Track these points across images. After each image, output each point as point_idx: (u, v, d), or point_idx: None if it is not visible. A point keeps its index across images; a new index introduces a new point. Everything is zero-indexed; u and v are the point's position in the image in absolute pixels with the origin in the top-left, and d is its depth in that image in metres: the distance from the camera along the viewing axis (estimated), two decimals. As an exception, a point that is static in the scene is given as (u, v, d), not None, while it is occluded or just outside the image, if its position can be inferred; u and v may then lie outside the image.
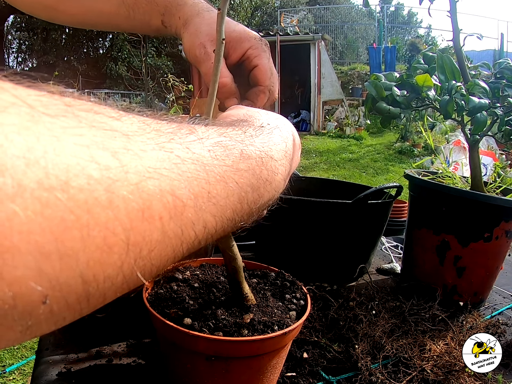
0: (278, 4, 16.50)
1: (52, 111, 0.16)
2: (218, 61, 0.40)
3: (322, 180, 1.12)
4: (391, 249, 1.10)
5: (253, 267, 0.60)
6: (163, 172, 0.19)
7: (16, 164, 0.14)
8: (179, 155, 0.21)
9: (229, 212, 0.25)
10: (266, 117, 0.37)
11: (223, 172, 0.24)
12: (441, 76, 0.75)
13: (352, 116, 9.35)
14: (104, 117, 0.18)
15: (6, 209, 0.13)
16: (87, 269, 0.16)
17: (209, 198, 0.22)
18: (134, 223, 0.17)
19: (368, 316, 0.65)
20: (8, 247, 0.13)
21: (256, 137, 0.30)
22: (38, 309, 0.15)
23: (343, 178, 5.92)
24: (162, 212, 0.19)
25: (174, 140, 0.21)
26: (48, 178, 0.14)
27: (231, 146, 0.26)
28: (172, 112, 7.75)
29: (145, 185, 0.18)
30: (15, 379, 1.86)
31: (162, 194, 0.19)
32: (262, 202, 0.29)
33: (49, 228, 0.14)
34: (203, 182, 0.22)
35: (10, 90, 0.15)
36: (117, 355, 0.57)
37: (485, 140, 5.63)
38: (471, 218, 0.73)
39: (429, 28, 16.37)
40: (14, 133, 0.14)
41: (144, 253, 0.18)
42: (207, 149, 0.23)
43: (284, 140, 0.34)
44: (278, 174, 0.31)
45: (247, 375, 0.45)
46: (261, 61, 0.55)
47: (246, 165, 0.27)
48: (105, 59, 11.97)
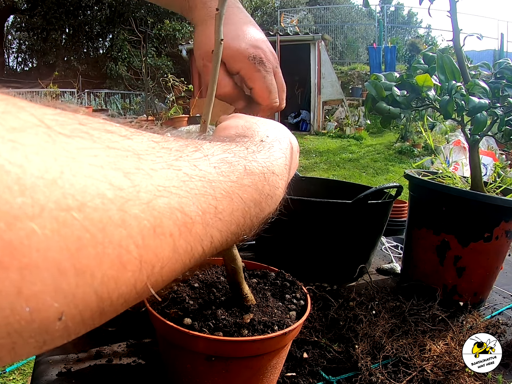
0: (278, 4, 16.50)
1: (67, 131, 0.16)
2: (216, 62, 0.40)
3: (322, 180, 1.12)
4: (391, 249, 1.10)
5: (253, 267, 0.60)
6: (172, 190, 0.20)
7: (35, 184, 0.14)
8: (187, 173, 0.21)
9: (234, 226, 0.25)
10: (264, 128, 0.37)
11: (228, 188, 0.25)
12: (441, 76, 0.75)
13: (352, 116, 9.35)
14: (116, 136, 0.19)
15: (26, 227, 0.14)
16: (102, 286, 0.16)
17: (216, 213, 0.23)
18: (146, 241, 0.18)
19: (368, 316, 0.65)
20: (26, 264, 0.14)
21: (258, 153, 0.31)
22: (54, 325, 0.15)
23: (343, 178, 5.91)
24: (173, 229, 0.20)
25: (181, 158, 0.22)
26: (65, 198, 0.15)
27: (236, 162, 0.27)
28: (172, 112, 7.72)
29: (156, 204, 0.19)
30: (15, 379, 1.86)
31: (172, 212, 0.19)
32: (263, 216, 0.30)
33: (66, 246, 0.15)
34: (210, 198, 0.23)
35: (28, 109, 0.15)
36: (117, 355, 0.57)
37: (485, 140, 5.63)
38: (471, 218, 0.73)
39: (429, 28, 16.37)
40: (33, 153, 0.14)
41: (156, 270, 0.19)
42: (213, 166, 0.24)
43: (284, 152, 0.35)
44: (279, 189, 0.32)
45: (247, 375, 0.45)
46: (255, 84, 0.54)
47: (249, 180, 0.27)
48: (105, 59, 11.98)
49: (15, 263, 0.14)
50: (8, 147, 0.14)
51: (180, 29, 10.79)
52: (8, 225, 0.13)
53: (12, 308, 0.14)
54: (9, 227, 0.13)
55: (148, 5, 11.32)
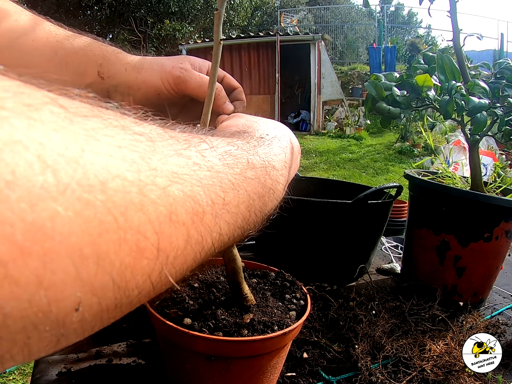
0: (278, 4, 16.50)
1: (82, 113, 0.16)
2: (216, 61, 0.40)
3: (322, 180, 1.12)
4: (391, 249, 1.10)
5: (253, 267, 0.60)
6: (185, 178, 0.19)
7: (57, 162, 0.13)
8: (196, 162, 0.21)
9: (240, 219, 0.25)
10: (264, 126, 0.38)
11: (234, 179, 0.24)
12: (441, 76, 0.75)
13: (352, 116, 9.35)
14: (128, 121, 0.18)
15: (49, 208, 0.13)
16: (120, 275, 0.15)
17: (224, 204, 0.23)
18: (162, 228, 0.17)
19: (368, 316, 0.65)
20: (48, 249, 0.13)
21: (258, 147, 0.31)
22: (71, 316, 0.14)
23: (343, 178, 5.91)
24: (185, 217, 0.19)
25: (190, 147, 0.21)
26: (87, 178, 0.14)
27: (239, 155, 0.27)
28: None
29: (171, 190, 0.18)
30: (15, 379, 1.86)
31: (185, 200, 0.19)
32: (266, 210, 0.30)
33: (88, 230, 0.14)
34: (218, 189, 0.22)
35: (42, 91, 0.15)
36: (117, 355, 0.57)
37: (485, 140, 5.63)
38: (471, 218, 0.73)
39: (429, 28, 16.37)
40: (52, 130, 0.13)
41: (171, 259, 0.18)
42: (219, 158, 0.24)
43: (283, 150, 0.35)
44: (279, 184, 0.32)
45: (247, 375, 0.45)
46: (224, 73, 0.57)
47: (253, 174, 0.27)
48: (105, 59, 11.96)
49: (37, 248, 0.12)
50: (25, 123, 0.13)
51: (180, 29, 10.79)
52: (30, 206, 0.12)
53: (31, 300, 0.13)
54: (31, 208, 0.12)
55: (148, 5, 11.32)
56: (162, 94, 0.54)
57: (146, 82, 0.53)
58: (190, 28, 11.10)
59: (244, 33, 10.79)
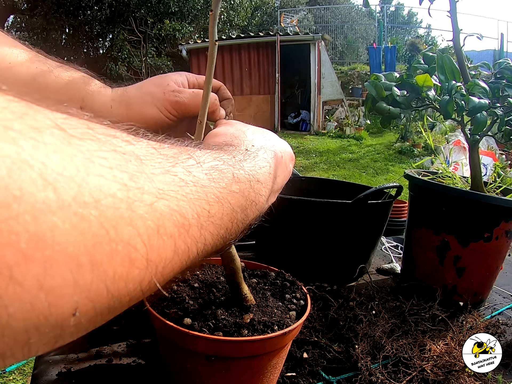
0: (278, 4, 16.49)
1: (79, 134, 0.17)
2: (211, 62, 0.41)
3: (322, 180, 1.12)
4: (391, 249, 1.10)
5: (253, 267, 0.60)
6: (171, 194, 0.21)
7: (57, 180, 0.15)
8: (182, 178, 0.23)
9: (223, 230, 0.27)
10: (251, 137, 0.40)
11: (219, 193, 0.26)
12: (441, 76, 0.75)
13: (352, 116, 9.34)
14: (120, 140, 0.20)
15: (49, 220, 0.14)
16: (113, 283, 0.17)
17: (209, 217, 0.24)
18: (151, 241, 0.19)
19: (368, 316, 0.65)
20: (48, 257, 0.14)
21: (244, 162, 0.33)
22: (68, 320, 0.16)
23: (343, 178, 5.91)
24: (173, 230, 0.21)
25: (177, 164, 0.23)
26: (82, 195, 0.16)
27: (225, 170, 0.28)
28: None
29: (158, 205, 0.20)
30: (15, 379, 1.86)
31: (171, 214, 0.21)
32: (248, 221, 0.32)
33: (83, 241, 0.16)
34: (204, 202, 0.24)
35: (43, 112, 0.16)
36: (117, 355, 0.57)
37: (485, 140, 5.63)
38: (471, 218, 0.73)
39: (429, 28, 16.37)
40: (52, 152, 0.15)
41: (160, 269, 0.20)
42: (205, 173, 0.26)
43: (268, 161, 0.37)
44: (262, 196, 0.34)
45: (247, 375, 0.45)
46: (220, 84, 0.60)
47: (237, 187, 0.29)
48: (105, 59, 11.97)
49: (38, 255, 0.14)
50: (30, 144, 0.15)
51: (180, 29, 10.78)
52: (33, 218, 0.14)
53: (33, 302, 0.14)
54: (34, 220, 0.14)
55: (148, 5, 11.32)
56: (161, 122, 0.54)
57: (141, 115, 0.53)
58: (190, 28, 11.09)
59: (244, 33, 10.79)
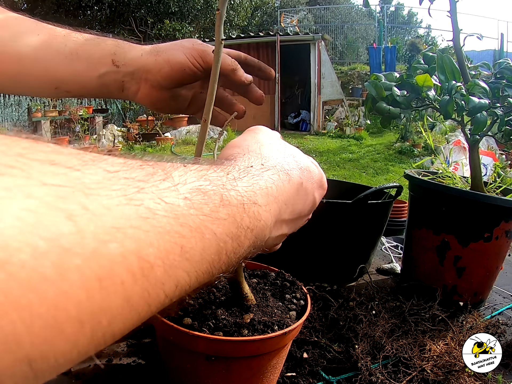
0: (278, 4, 16.49)
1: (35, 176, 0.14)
2: (217, 61, 0.40)
3: (322, 180, 1.11)
4: (391, 249, 1.10)
5: (253, 267, 0.60)
6: (128, 231, 0.18)
7: None
8: (149, 207, 0.19)
9: (206, 265, 0.23)
10: (268, 153, 0.35)
11: (199, 222, 0.22)
12: (441, 76, 0.75)
13: (352, 116, 9.35)
14: (61, 168, 0.16)
15: None
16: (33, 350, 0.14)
17: (182, 253, 0.21)
18: (90, 294, 0.16)
19: (368, 316, 0.65)
20: None
21: (239, 180, 0.28)
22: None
23: (343, 178, 5.91)
24: (125, 276, 0.17)
25: (144, 189, 0.19)
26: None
27: (211, 191, 0.24)
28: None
29: (105, 250, 0.16)
30: (15, 379, 1.86)
31: (125, 257, 0.17)
32: (242, 251, 0.27)
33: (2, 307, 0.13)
34: (176, 236, 0.20)
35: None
36: (117, 355, 0.57)
37: (485, 140, 5.63)
38: (471, 218, 0.73)
39: (429, 28, 16.38)
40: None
41: (104, 323, 0.17)
42: (183, 197, 0.22)
43: (274, 183, 0.31)
44: (261, 221, 0.29)
45: (247, 375, 0.45)
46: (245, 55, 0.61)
47: (226, 212, 0.25)
48: (105, 59, 11.96)
49: None
50: None
51: (180, 29, 10.79)
52: None
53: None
54: None
55: (148, 5, 11.32)
56: (187, 69, 0.55)
57: (169, 61, 0.55)
58: (190, 28, 11.10)
59: (244, 33, 10.79)
